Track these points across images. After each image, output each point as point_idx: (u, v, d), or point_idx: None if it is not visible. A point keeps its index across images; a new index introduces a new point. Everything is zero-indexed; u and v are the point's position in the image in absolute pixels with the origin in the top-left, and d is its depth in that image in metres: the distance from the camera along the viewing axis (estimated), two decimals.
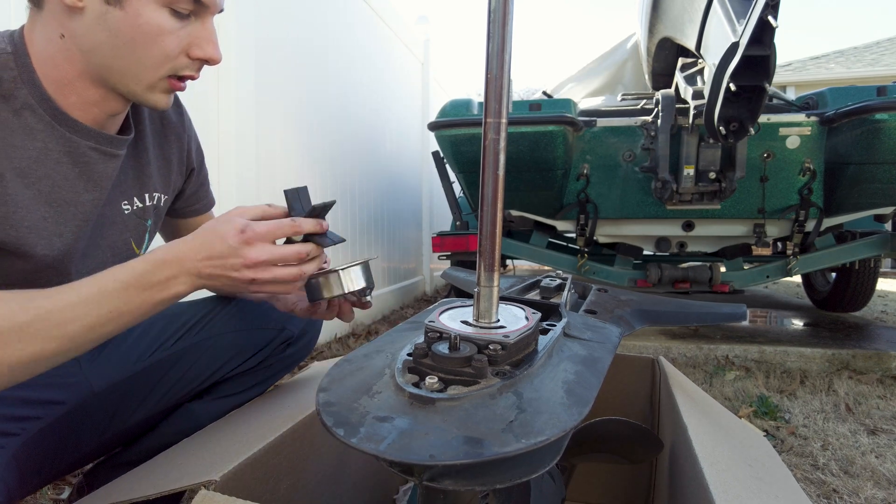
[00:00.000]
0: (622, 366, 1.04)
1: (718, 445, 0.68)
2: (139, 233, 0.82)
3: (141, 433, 0.88)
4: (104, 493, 0.59)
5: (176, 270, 0.61)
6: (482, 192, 0.50)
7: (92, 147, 0.68)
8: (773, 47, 1.63)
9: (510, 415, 0.43)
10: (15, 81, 0.61)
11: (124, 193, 0.77)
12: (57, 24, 0.62)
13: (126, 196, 0.77)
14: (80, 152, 0.68)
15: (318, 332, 1.04)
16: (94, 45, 0.62)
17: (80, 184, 0.69)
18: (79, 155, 0.68)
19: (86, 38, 0.62)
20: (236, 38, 1.96)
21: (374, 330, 3.01)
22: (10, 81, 0.61)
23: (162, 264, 0.61)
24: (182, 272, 0.62)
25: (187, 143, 0.88)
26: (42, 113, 0.63)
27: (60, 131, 0.65)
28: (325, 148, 2.78)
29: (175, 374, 0.86)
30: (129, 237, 0.80)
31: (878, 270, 3.08)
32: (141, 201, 0.80)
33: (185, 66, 0.67)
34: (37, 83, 0.63)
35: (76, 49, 0.63)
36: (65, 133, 0.66)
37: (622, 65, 3.79)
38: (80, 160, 0.68)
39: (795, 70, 8.78)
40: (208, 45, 0.67)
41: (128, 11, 0.60)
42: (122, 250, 0.79)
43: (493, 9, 0.46)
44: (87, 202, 0.70)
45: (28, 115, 0.62)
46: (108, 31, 0.61)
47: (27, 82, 0.62)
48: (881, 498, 1.17)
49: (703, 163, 2.21)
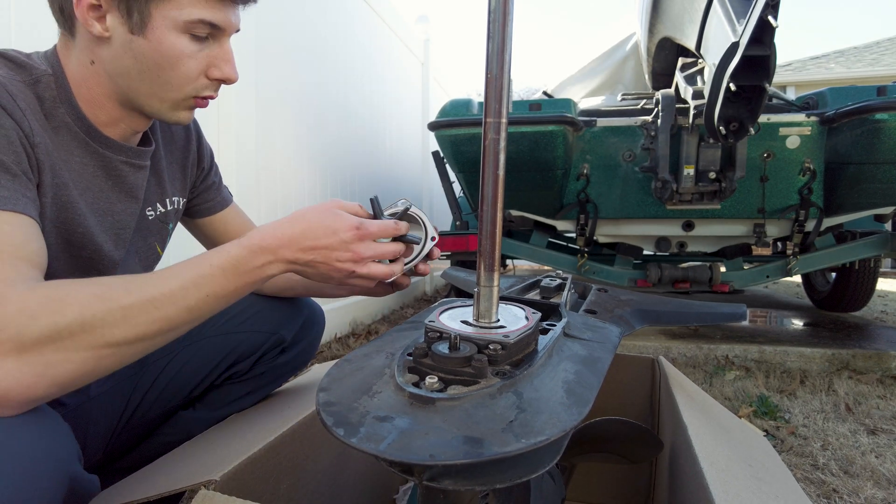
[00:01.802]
0: (622, 366, 1.04)
1: (718, 445, 0.68)
2: (162, 236, 0.86)
3: (138, 441, 0.88)
4: (104, 496, 0.59)
5: (272, 257, 0.64)
6: (482, 192, 0.50)
7: (123, 161, 0.73)
8: (773, 47, 1.63)
9: (510, 415, 0.43)
10: (55, 101, 0.66)
11: (147, 201, 0.81)
12: (88, 51, 0.66)
13: (150, 203, 0.82)
14: (113, 166, 0.72)
15: (318, 338, 1.01)
16: (122, 70, 0.66)
17: (113, 195, 0.74)
18: (111, 169, 0.72)
19: (113, 64, 0.66)
20: (236, 38, 1.96)
21: (374, 330, 3.02)
22: (51, 101, 0.65)
23: (259, 251, 0.63)
24: (278, 259, 0.64)
25: (195, 143, 0.90)
26: (77, 130, 0.68)
27: (94, 147, 0.70)
28: (325, 147, 2.78)
29: (165, 378, 0.87)
30: (153, 241, 0.84)
31: (878, 270, 3.08)
32: (163, 206, 0.84)
33: (205, 87, 0.71)
34: (73, 103, 0.67)
35: (105, 74, 0.67)
36: (98, 149, 0.70)
37: (622, 64, 3.78)
38: (112, 173, 0.73)
39: (795, 70, 8.78)
40: (226, 65, 0.70)
41: (150, 39, 0.64)
42: (147, 254, 0.84)
43: (493, 9, 0.46)
44: (121, 212, 0.75)
45: (65, 132, 0.67)
46: (133, 57, 0.65)
47: (64, 102, 0.66)
48: (881, 498, 1.17)
49: (703, 163, 2.21)
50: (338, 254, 0.66)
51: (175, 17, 0.63)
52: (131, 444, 0.88)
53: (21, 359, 0.48)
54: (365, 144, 3.31)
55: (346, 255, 0.66)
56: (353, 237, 0.66)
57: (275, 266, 0.64)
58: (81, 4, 0.62)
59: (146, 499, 0.54)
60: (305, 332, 0.98)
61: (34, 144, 0.61)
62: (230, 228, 0.95)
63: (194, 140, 0.90)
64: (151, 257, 0.85)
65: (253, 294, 0.97)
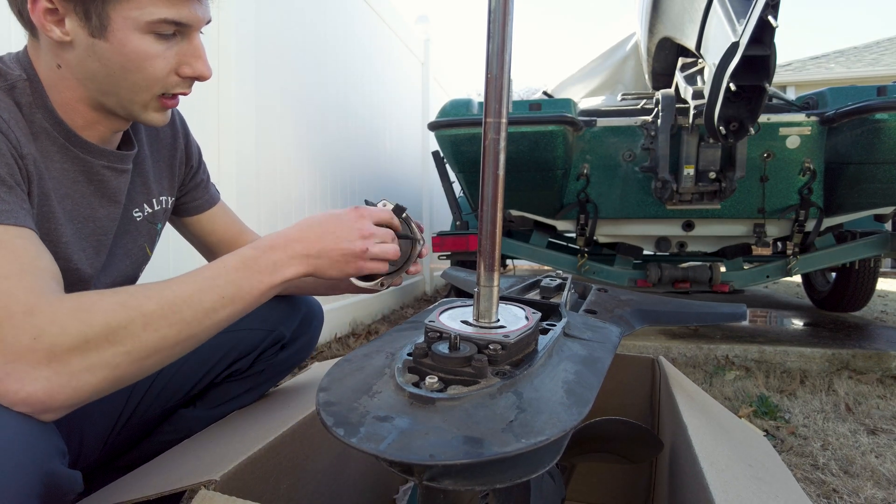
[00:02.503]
0: (622, 366, 1.04)
1: (718, 445, 0.68)
2: (151, 236, 0.85)
3: (137, 439, 0.88)
4: (104, 495, 0.59)
5: (284, 253, 0.65)
6: (482, 192, 0.50)
7: (104, 165, 0.72)
8: (773, 47, 1.63)
9: (510, 415, 0.43)
10: (31, 107, 0.64)
11: (134, 202, 0.80)
12: (53, 54, 0.64)
13: (136, 204, 0.81)
14: (94, 171, 0.71)
15: (316, 336, 1.01)
16: (88, 74, 0.64)
17: (95, 200, 0.72)
18: (93, 174, 0.71)
19: (79, 68, 0.64)
20: (236, 38, 1.96)
21: (374, 330, 3.02)
22: (28, 107, 0.64)
23: (269, 249, 0.65)
24: (292, 255, 0.66)
25: (183, 141, 0.89)
26: (56, 136, 0.66)
27: (74, 152, 0.68)
28: (325, 147, 2.78)
29: (164, 377, 0.86)
30: (143, 242, 0.83)
31: (878, 270, 3.08)
32: (150, 207, 0.83)
33: (176, 85, 0.69)
34: (49, 107, 0.65)
35: (72, 77, 0.65)
36: (78, 154, 0.69)
37: (622, 64, 3.78)
38: (94, 178, 0.71)
39: (795, 70, 8.78)
40: (196, 62, 0.68)
41: (112, 42, 0.62)
42: (137, 255, 0.83)
43: (493, 9, 0.46)
44: (103, 217, 0.74)
45: (44, 138, 0.65)
46: (98, 61, 0.63)
47: (41, 107, 0.65)
48: (881, 498, 1.17)
49: (703, 163, 2.21)
50: (346, 234, 0.69)
51: (136, 17, 0.61)
52: (131, 442, 0.88)
53: (52, 367, 0.49)
54: (365, 144, 3.30)
55: (353, 234, 0.69)
56: (356, 216, 0.70)
57: (290, 265, 0.65)
58: (36, 9, 0.60)
59: (146, 498, 0.54)
60: (304, 328, 0.98)
61: (23, 155, 0.60)
62: (218, 227, 0.94)
63: (181, 138, 0.89)
64: (140, 258, 0.84)
65: None
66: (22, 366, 0.49)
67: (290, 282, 0.66)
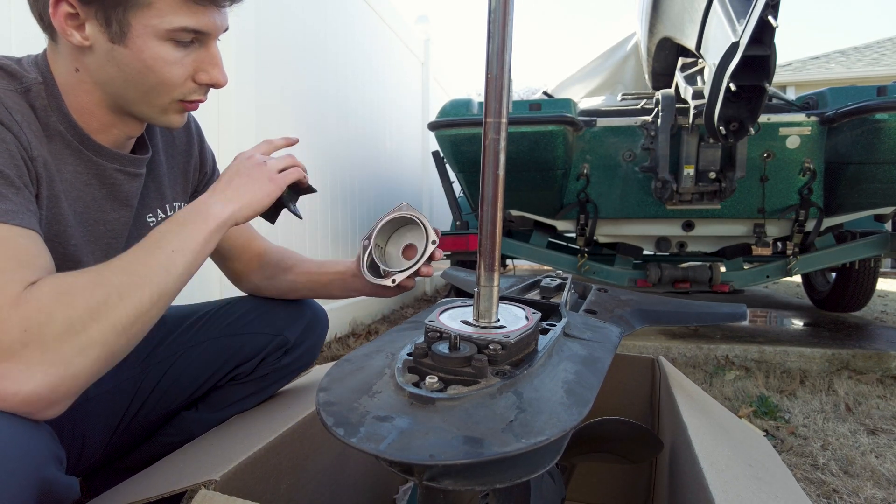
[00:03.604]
0: (622, 366, 1.04)
1: (718, 445, 0.68)
2: None
3: (139, 441, 0.88)
4: (105, 497, 0.59)
5: (209, 197, 0.69)
6: (482, 192, 0.50)
7: (117, 169, 0.73)
8: (773, 47, 1.63)
9: (510, 415, 0.43)
10: (46, 110, 0.65)
11: (148, 207, 0.81)
12: (72, 58, 0.65)
13: (150, 209, 0.81)
14: (107, 174, 0.72)
15: (321, 340, 1.01)
16: (107, 78, 0.66)
17: (106, 203, 0.73)
18: (105, 177, 0.72)
19: (98, 73, 0.65)
20: (236, 38, 1.96)
21: (374, 330, 3.02)
22: (42, 110, 0.65)
23: (197, 201, 0.69)
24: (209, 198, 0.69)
25: (197, 147, 0.90)
26: (70, 139, 0.67)
27: (87, 155, 0.69)
28: (325, 147, 2.78)
29: (168, 380, 0.86)
30: None
31: (878, 270, 3.08)
32: (164, 212, 0.84)
33: (193, 91, 0.70)
34: (64, 111, 0.66)
35: (91, 81, 0.66)
36: (91, 157, 0.70)
37: (622, 64, 3.78)
38: (106, 181, 0.72)
39: (795, 70, 8.78)
40: (213, 69, 0.69)
41: (132, 48, 0.63)
42: None
43: (493, 9, 0.46)
44: (114, 220, 0.75)
45: (58, 141, 0.66)
46: (116, 66, 0.64)
47: (56, 110, 0.66)
48: (881, 498, 1.17)
49: (703, 163, 2.21)
50: (245, 162, 0.74)
51: (156, 25, 0.62)
52: (133, 443, 0.88)
53: (45, 360, 0.49)
54: (365, 144, 3.30)
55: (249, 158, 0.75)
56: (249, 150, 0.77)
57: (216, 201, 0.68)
58: (58, 14, 0.61)
59: (147, 499, 0.54)
60: (309, 333, 0.97)
61: (33, 157, 0.61)
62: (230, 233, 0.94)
63: (196, 144, 0.90)
64: None
65: (256, 297, 0.97)
66: (16, 364, 0.48)
67: (223, 219, 0.68)
